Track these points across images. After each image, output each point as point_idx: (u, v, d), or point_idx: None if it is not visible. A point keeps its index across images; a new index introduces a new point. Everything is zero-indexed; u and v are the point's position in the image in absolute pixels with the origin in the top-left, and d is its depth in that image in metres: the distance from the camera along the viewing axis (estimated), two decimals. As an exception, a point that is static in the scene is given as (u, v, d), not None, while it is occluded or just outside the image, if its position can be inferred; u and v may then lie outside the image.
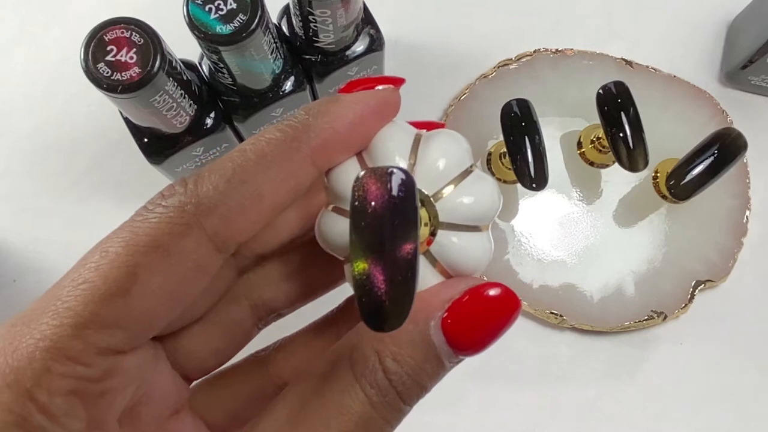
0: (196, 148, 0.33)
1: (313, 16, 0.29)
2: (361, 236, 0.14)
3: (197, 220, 0.15)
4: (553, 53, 0.39)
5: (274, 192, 0.16)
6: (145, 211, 0.15)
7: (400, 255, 0.14)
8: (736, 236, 0.37)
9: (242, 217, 0.16)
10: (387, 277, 0.14)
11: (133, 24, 0.26)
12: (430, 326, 0.16)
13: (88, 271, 0.15)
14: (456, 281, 0.17)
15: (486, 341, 0.16)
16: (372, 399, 0.15)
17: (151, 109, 0.28)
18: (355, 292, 0.14)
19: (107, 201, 0.38)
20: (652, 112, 0.37)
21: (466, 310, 0.16)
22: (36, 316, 0.14)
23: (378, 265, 0.14)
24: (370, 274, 0.14)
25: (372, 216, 0.14)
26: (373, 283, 0.14)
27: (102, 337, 0.14)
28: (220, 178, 0.16)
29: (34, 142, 0.39)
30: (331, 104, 0.17)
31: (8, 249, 0.37)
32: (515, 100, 0.34)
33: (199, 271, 0.16)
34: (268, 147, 0.16)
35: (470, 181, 0.17)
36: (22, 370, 0.13)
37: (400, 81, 0.19)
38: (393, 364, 0.15)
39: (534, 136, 0.32)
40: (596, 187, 0.37)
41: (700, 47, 0.41)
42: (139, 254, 0.15)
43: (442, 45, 0.40)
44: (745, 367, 0.36)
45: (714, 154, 0.33)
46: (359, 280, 0.14)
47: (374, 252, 0.14)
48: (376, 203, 0.14)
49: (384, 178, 0.14)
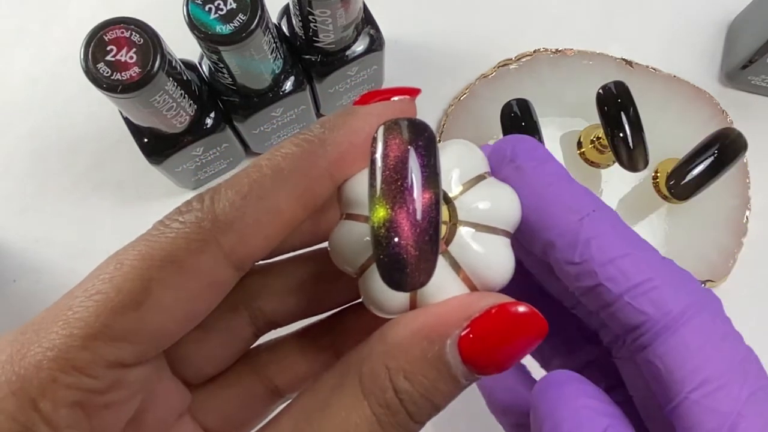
0: (196, 148, 0.33)
1: (313, 16, 0.29)
2: (382, 184, 0.13)
3: (214, 237, 0.15)
4: (553, 53, 0.39)
5: (291, 207, 0.16)
6: (161, 226, 0.15)
7: (423, 202, 0.13)
8: (736, 236, 0.37)
9: (259, 234, 0.16)
10: (409, 225, 0.13)
11: (133, 24, 0.26)
12: (446, 345, 0.15)
13: (102, 282, 0.14)
14: (478, 298, 0.16)
15: (507, 363, 0.15)
16: (380, 419, 0.15)
17: (151, 109, 0.28)
18: (374, 249, 0.13)
19: (107, 201, 0.38)
20: (652, 112, 0.37)
21: (486, 329, 0.15)
22: (46, 324, 0.14)
23: (400, 212, 0.13)
24: (391, 223, 0.13)
25: (394, 160, 0.13)
26: (395, 232, 0.13)
27: (111, 350, 0.14)
28: (237, 194, 0.16)
29: (34, 142, 0.39)
30: (348, 117, 0.17)
31: (8, 249, 0.37)
32: (515, 100, 0.34)
33: (213, 287, 0.16)
34: (284, 162, 0.16)
35: (485, 186, 0.17)
36: (28, 378, 0.13)
37: (416, 91, 0.19)
38: (404, 382, 0.15)
39: (534, 136, 0.32)
40: (596, 187, 0.37)
41: (700, 47, 0.41)
42: (154, 268, 0.14)
43: (442, 45, 0.40)
44: (745, 367, 0.36)
45: (714, 154, 0.33)
46: (378, 232, 0.13)
47: (395, 199, 0.13)
48: (396, 150, 0.13)
49: (405, 126, 0.14)
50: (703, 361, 0.16)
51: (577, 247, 0.17)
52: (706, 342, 0.16)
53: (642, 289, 0.16)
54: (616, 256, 0.17)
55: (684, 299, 0.16)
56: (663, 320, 0.16)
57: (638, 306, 0.16)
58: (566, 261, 0.17)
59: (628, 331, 0.17)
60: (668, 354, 0.16)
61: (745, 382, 0.16)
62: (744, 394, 0.16)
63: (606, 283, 0.17)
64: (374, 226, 0.13)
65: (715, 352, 0.16)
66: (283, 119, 0.35)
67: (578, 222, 0.17)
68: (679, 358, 0.16)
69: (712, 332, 0.16)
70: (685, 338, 0.16)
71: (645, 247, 0.17)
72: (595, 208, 0.17)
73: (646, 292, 0.16)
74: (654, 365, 0.16)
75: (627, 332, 0.17)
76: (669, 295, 0.16)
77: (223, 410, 0.20)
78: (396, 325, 0.16)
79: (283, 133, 0.37)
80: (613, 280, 0.17)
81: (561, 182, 0.18)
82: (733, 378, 0.16)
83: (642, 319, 0.16)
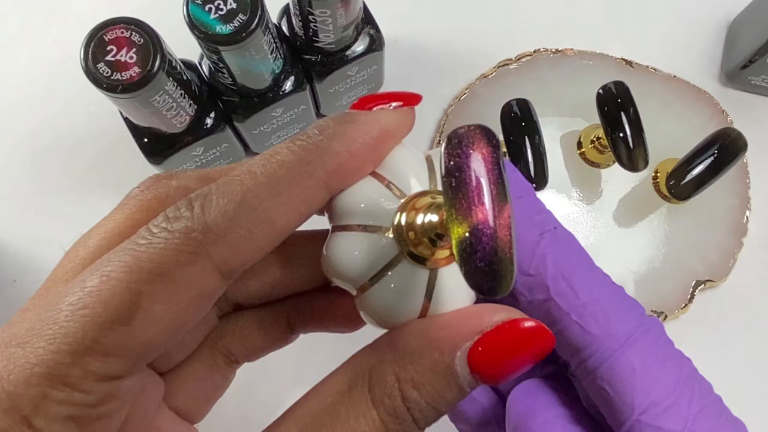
0: (196, 148, 0.33)
1: (313, 16, 0.29)
2: (463, 195, 0.13)
3: (204, 248, 0.15)
4: (553, 53, 0.39)
5: (284, 218, 0.15)
6: (149, 234, 0.15)
7: (503, 214, 0.13)
8: (736, 236, 0.37)
9: (251, 245, 0.15)
10: (494, 233, 0.13)
11: (133, 24, 0.26)
12: (457, 356, 0.15)
13: (89, 295, 0.14)
14: (490, 311, 0.16)
15: (513, 375, 0.15)
16: (388, 426, 0.15)
17: (151, 109, 0.28)
18: (461, 259, 0.13)
19: (107, 201, 0.38)
20: (652, 112, 0.37)
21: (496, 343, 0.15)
22: (30, 338, 0.14)
23: (485, 222, 0.13)
24: (478, 232, 0.13)
25: (475, 173, 0.13)
26: (481, 240, 0.13)
27: (101, 365, 0.14)
28: (229, 203, 0.15)
29: (34, 142, 0.39)
30: (347, 125, 0.16)
31: (8, 249, 0.37)
32: (515, 100, 0.34)
33: (203, 298, 0.15)
34: (280, 170, 0.15)
35: None
36: (18, 396, 0.13)
37: (417, 99, 0.18)
38: (413, 392, 0.15)
39: (534, 136, 0.32)
40: (596, 187, 0.37)
41: (700, 47, 0.41)
42: (143, 282, 0.14)
43: (442, 45, 0.40)
44: (745, 367, 0.36)
45: (714, 154, 0.33)
46: (462, 245, 0.13)
47: (478, 210, 0.13)
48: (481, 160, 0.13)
49: (481, 136, 0.14)
50: (650, 383, 0.16)
51: (533, 260, 0.17)
52: (652, 364, 0.17)
53: (590, 309, 0.17)
54: (569, 273, 0.17)
55: (630, 322, 0.17)
56: (607, 342, 0.16)
57: (585, 326, 0.17)
58: (521, 272, 0.17)
59: (574, 353, 0.17)
60: (615, 378, 0.16)
61: (691, 400, 0.16)
62: (693, 411, 0.16)
63: (556, 298, 0.17)
64: (457, 241, 0.13)
65: (661, 374, 0.16)
66: (283, 119, 0.35)
67: (538, 236, 0.17)
68: (627, 381, 0.16)
69: (657, 354, 0.17)
70: (632, 361, 0.16)
71: (598, 270, 0.18)
72: (557, 227, 0.18)
73: (593, 313, 0.17)
74: (603, 389, 0.17)
75: (573, 354, 0.17)
76: (615, 318, 0.17)
77: (189, 389, 0.20)
78: (407, 334, 0.16)
79: (283, 133, 0.37)
80: (563, 296, 0.17)
81: (528, 197, 0.18)
82: (681, 397, 0.16)
83: (588, 339, 0.17)
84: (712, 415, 0.17)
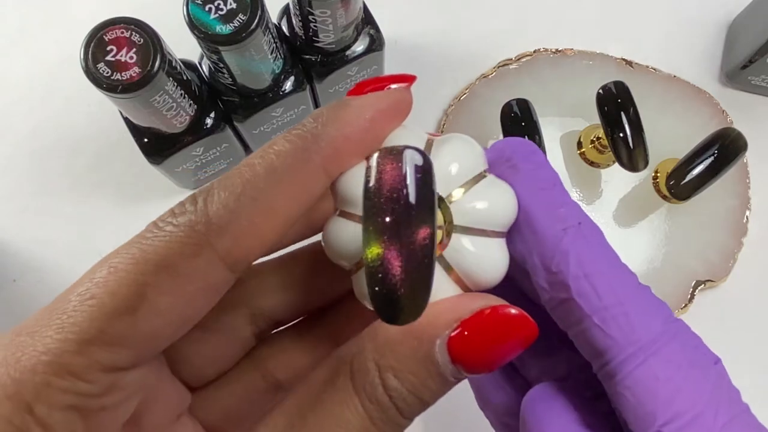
0: (196, 148, 0.33)
1: (313, 16, 0.29)
2: (375, 218, 0.13)
3: (208, 240, 0.15)
4: (553, 53, 0.39)
5: (286, 206, 0.16)
6: (155, 228, 0.15)
7: (417, 239, 0.13)
8: (736, 236, 0.37)
9: (254, 235, 0.15)
10: (402, 263, 0.13)
11: (133, 24, 0.26)
12: (436, 344, 0.15)
13: (96, 286, 0.14)
14: (469, 299, 0.16)
15: (496, 364, 0.15)
16: (371, 414, 0.15)
17: (151, 109, 0.28)
18: (368, 281, 0.13)
19: (107, 201, 0.38)
20: (652, 112, 0.37)
21: (476, 330, 0.15)
22: (40, 327, 0.14)
23: (392, 250, 0.13)
24: (384, 260, 0.13)
25: (387, 196, 0.13)
26: (388, 269, 0.13)
27: (107, 355, 0.14)
28: (230, 195, 0.15)
29: (34, 142, 0.39)
30: (341, 110, 0.16)
31: (8, 249, 0.37)
32: (515, 100, 0.34)
33: (208, 290, 0.15)
34: (278, 160, 0.16)
35: (484, 186, 0.17)
36: (23, 382, 0.13)
37: (411, 78, 0.18)
38: (393, 380, 0.15)
39: (534, 136, 0.32)
40: (596, 187, 0.37)
41: (700, 47, 0.41)
42: (148, 273, 0.14)
43: (442, 45, 0.40)
44: (745, 367, 0.36)
45: (714, 154, 0.33)
46: (372, 267, 0.13)
47: (389, 235, 0.13)
48: (391, 183, 0.13)
49: (400, 157, 0.13)
50: (674, 393, 0.15)
51: (555, 257, 0.16)
52: (676, 372, 0.16)
53: (612, 312, 0.16)
54: (592, 273, 0.16)
55: (654, 328, 0.16)
56: (628, 349, 0.16)
57: (607, 330, 0.16)
58: (543, 268, 0.17)
59: (596, 356, 0.16)
60: (637, 386, 0.16)
61: (718, 411, 0.15)
62: (719, 422, 0.15)
63: (577, 299, 0.16)
64: (368, 263, 0.13)
65: (686, 383, 0.16)
66: (283, 119, 0.35)
67: (562, 231, 0.17)
68: (649, 390, 0.16)
69: (682, 361, 0.16)
70: (655, 369, 0.16)
71: (624, 269, 0.17)
72: (582, 222, 0.17)
73: (615, 317, 0.16)
74: (624, 396, 0.16)
75: (595, 357, 0.17)
76: (639, 323, 0.16)
77: (225, 406, 0.20)
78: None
79: (283, 133, 0.37)
80: (585, 297, 0.16)
81: (553, 189, 0.17)
82: (706, 408, 0.15)
83: (608, 343, 0.16)
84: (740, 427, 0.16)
